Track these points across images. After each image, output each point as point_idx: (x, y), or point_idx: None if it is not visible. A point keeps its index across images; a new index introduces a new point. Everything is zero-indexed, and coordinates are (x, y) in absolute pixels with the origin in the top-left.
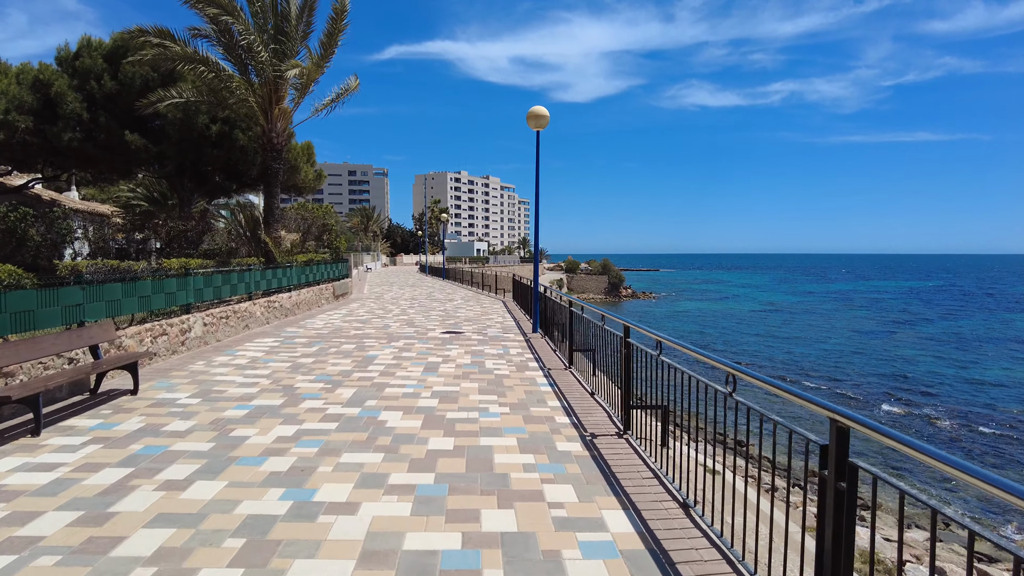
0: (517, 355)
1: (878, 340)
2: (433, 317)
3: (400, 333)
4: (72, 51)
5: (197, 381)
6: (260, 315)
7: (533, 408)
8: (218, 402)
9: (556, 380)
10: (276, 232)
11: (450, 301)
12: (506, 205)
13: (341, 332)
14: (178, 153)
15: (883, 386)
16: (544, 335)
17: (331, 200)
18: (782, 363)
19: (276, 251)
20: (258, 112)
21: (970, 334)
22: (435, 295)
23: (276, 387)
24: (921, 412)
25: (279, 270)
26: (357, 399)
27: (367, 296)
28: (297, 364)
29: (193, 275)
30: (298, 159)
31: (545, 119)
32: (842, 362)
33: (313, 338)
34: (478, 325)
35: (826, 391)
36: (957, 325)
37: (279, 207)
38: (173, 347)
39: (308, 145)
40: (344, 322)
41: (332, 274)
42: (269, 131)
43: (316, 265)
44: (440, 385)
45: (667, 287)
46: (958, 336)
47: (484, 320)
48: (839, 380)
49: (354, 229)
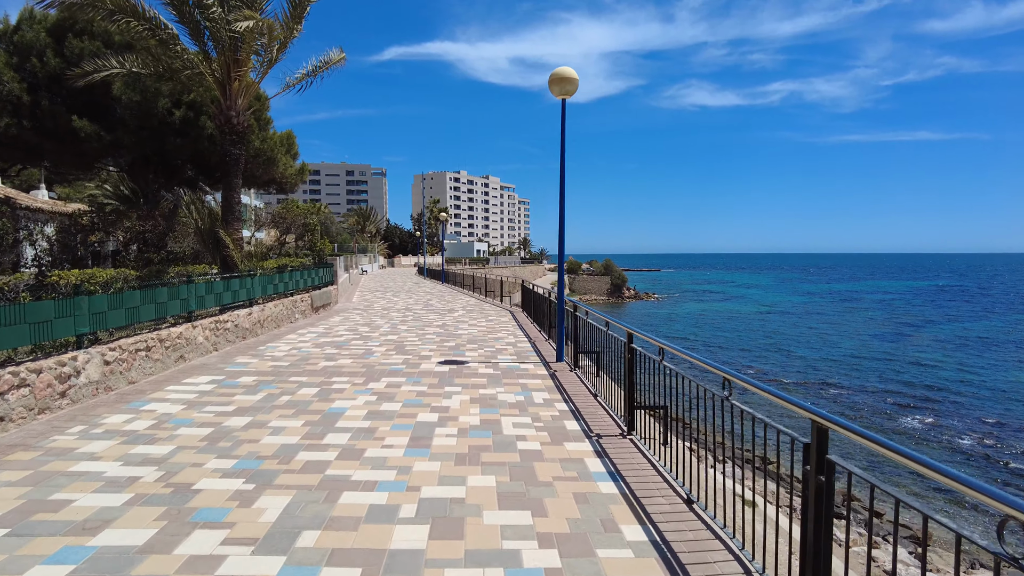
0: (544, 404)
1: (892, 344)
2: (429, 336)
3: (384, 365)
4: (12, 24)
5: (33, 480)
6: (204, 341)
7: (601, 551)
8: (29, 540)
9: (618, 465)
10: (237, 232)
11: (450, 312)
12: (506, 205)
13: (307, 363)
14: (136, 143)
15: (910, 395)
16: (574, 367)
17: (328, 201)
18: (797, 369)
19: (237, 255)
20: (213, 85)
21: (992, 337)
22: (432, 304)
23: (160, 491)
24: (950, 423)
25: (238, 280)
26: (284, 529)
27: (354, 306)
28: (221, 430)
29: (92, 294)
30: (275, 149)
31: (572, 83)
32: (863, 368)
33: (264, 375)
34: (485, 350)
35: (842, 401)
36: (973, 327)
37: (240, 202)
38: (42, 404)
39: (289, 135)
40: (315, 346)
41: (311, 281)
42: (227, 109)
43: (290, 272)
44: (432, 485)
45: (670, 288)
46: (980, 340)
47: (492, 340)
48: (863, 389)
49: (350, 230)
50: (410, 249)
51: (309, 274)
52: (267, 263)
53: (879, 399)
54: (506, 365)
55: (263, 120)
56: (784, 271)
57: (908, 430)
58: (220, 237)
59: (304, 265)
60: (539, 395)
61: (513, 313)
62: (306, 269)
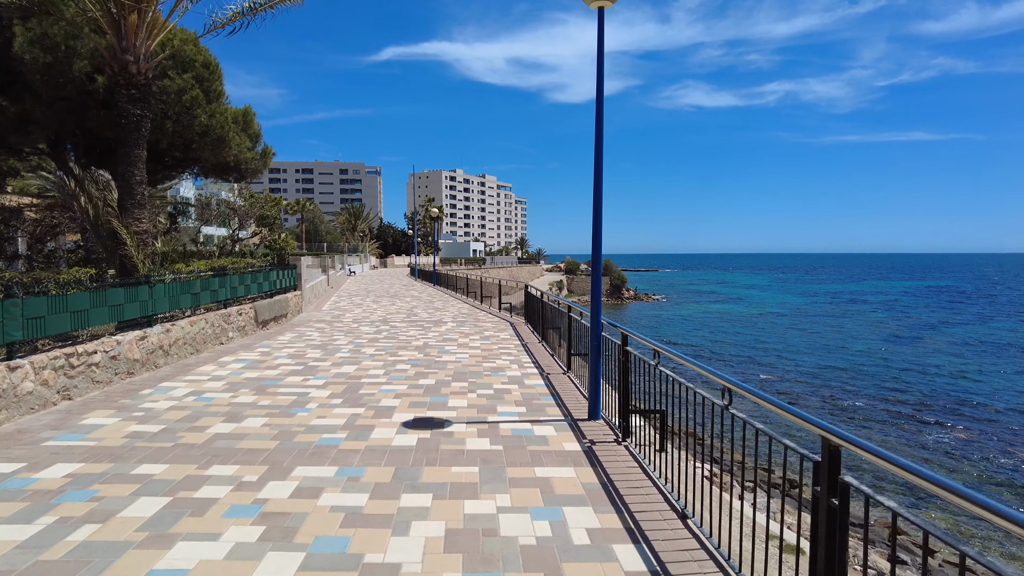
0: (592, 546)
1: (904, 348)
2: (401, 367)
3: (312, 433)
4: None
5: None
6: (41, 388)
7: None
8: None
9: None
10: (140, 223)
11: (436, 325)
12: (503, 204)
13: (190, 427)
14: (50, 116)
15: (933, 406)
16: (621, 437)
17: (322, 200)
18: (804, 377)
19: (138, 254)
20: (100, 19)
21: (1015, 341)
22: (417, 312)
23: None
24: (981, 440)
25: (125, 290)
26: None
27: (320, 316)
28: None
29: None
30: (226, 127)
31: None
32: (875, 375)
33: (95, 459)
34: (479, 393)
35: (855, 411)
36: (983, 331)
37: (144, 184)
38: None
39: (247, 111)
40: (229, 387)
41: (260, 288)
42: (122, 52)
43: (228, 277)
44: None
45: (670, 289)
46: (998, 345)
47: (489, 374)
48: (877, 398)
49: (340, 228)
50: (403, 249)
51: (255, 279)
52: (198, 264)
53: (894, 407)
54: (512, 429)
55: (212, 92)
56: (781, 271)
57: (931, 445)
58: (115, 230)
59: (251, 267)
60: (576, 514)
61: (514, 326)
62: (253, 272)
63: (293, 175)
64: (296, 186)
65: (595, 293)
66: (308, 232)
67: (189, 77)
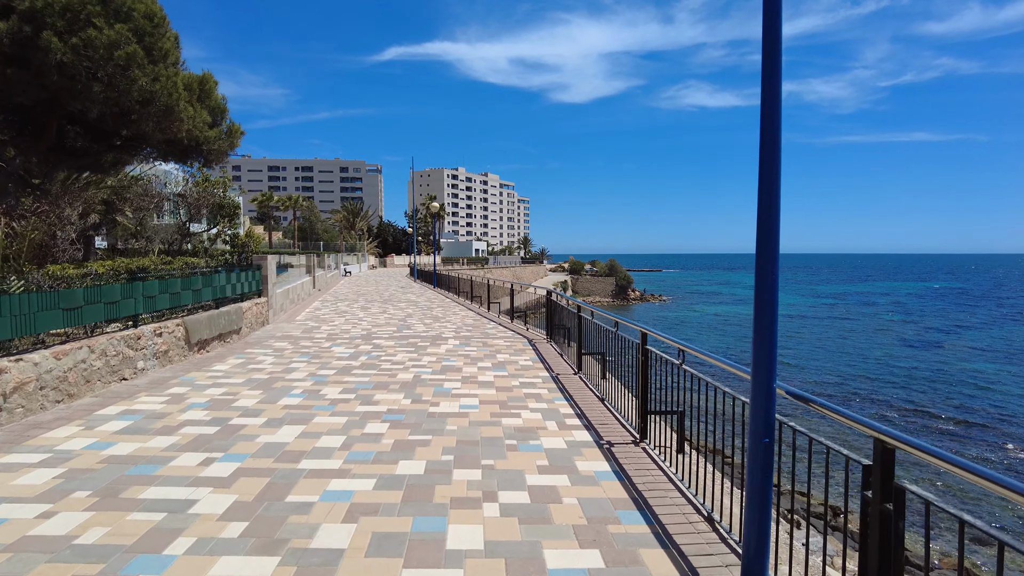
0: None
1: (929, 353)
2: (371, 433)
3: None
4: None
5: None
6: None
7: None
8: None
9: None
10: None
11: (434, 343)
12: (506, 203)
13: None
14: None
15: (976, 412)
16: None
17: (322, 198)
18: (834, 384)
19: None
20: None
21: None
22: (411, 324)
23: None
24: None
25: None
26: None
27: (287, 332)
28: None
29: None
30: (175, 94)
31: None
32: (910, 383)
33: None
34: (506, 509)
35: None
36: (1004, 334)
37: None
38: None
39: (204, 78)
40: (32, 502)
41: (195, 296)
42: None
43: (135, 283)
44: None
45: (675, 289)
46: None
47: (514, 453)
48: (922, 409)
49: (338, 226)
50: (404, 248)
51: (189, 284)
52: (95, 264)
53: (924, 421)
54: None
55: (157, 51)
56: (785, 271)
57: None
58: None
59: (192, 268)
60: None
61: (533, 344)
62: (188, 275)
63: (292, 173)
64: (296, 184)
65: (771, 313)
66: (303, 230)
67: (124, 29)
